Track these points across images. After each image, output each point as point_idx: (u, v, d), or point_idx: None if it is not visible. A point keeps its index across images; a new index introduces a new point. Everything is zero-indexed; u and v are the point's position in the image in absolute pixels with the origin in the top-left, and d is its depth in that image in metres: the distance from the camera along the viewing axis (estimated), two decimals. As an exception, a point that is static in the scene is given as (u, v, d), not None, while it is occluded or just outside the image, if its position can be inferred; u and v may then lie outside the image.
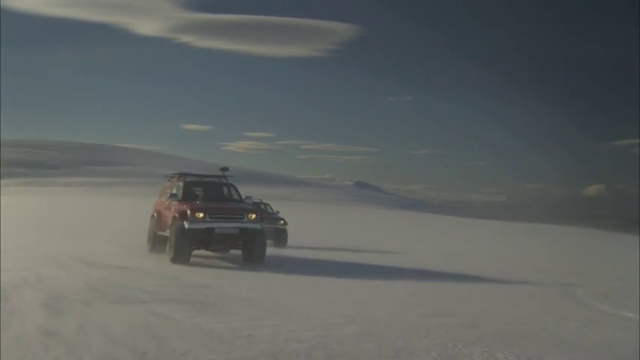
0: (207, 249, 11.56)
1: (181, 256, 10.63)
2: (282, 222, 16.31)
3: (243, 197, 12.17)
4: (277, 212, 17.10)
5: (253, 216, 11.17)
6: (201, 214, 10.81)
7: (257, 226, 11.10)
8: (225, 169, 12.75)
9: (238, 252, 11.53)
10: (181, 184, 12.11)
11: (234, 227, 10.95)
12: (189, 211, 10.81)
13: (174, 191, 12.02)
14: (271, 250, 12.72)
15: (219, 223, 10.89)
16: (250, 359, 4.18)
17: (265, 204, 17.01)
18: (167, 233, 11.51)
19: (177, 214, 11.05)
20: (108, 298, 6.52)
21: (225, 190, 12.48)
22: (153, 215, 12.95)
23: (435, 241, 24.54)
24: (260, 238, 11.16)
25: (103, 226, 19.83)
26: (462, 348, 4.80)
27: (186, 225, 10.68)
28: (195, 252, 11.02)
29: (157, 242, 12.37)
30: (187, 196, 11.68)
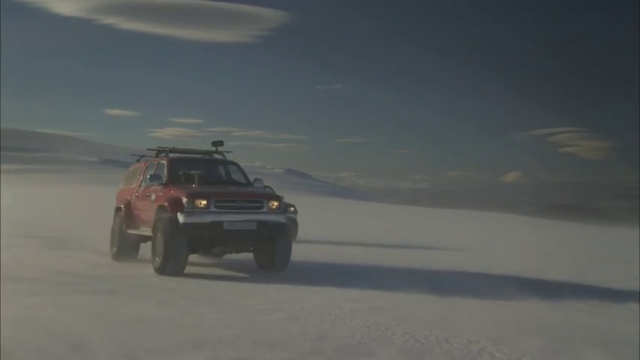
0: (208, 253, 8.74)
1: (174, 264, 7.79)
2: (291, 209, 12.91)
3: (251, 180, 9.27)
4: (282, 197, 13.66)
5: (275, 204, 8.28)
6: (203, 202, 7.86)
7: (280, 218, 8.32)
8: (219, 143, 9.84)
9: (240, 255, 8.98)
10: (164, 162, 9.10)
11: (250, 221, 8.00)
12: (185, 198, 7.85)
13: (153, 172, 9.07)
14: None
15: (229, 214, 7.95)
16: (173, 347, 4.10)
17: (266, 187, 12.97)
18: (143, 231, 8.85)
19: (166, 204, 8.07)
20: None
21: (223, 170, 9.50)
22: (119, 208, 9.78)
23: (363, 226, 24.97)
24: (285, 235, 8.36)
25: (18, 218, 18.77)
26: (384, 330, 4.93)
27: (181, 218, 7.76)
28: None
29: (125, 245, 9.38)
30: (174, 178, 8.74)
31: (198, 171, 8.72)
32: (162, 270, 7.84)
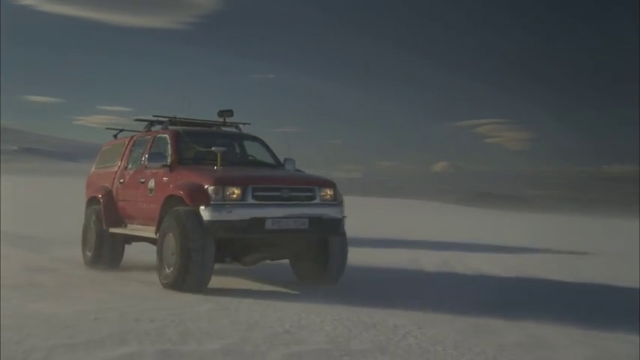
0: (239, 261, 6.47)
1: (196, 278, 5.85)
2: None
3: (281, 161, 7.35)
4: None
5: (330, 193, 6.44)
6: (237, 192, 5.94)
7: (337, 212, 6.46)
8: (228, 112, 7.65)
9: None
10: (166, 136, 7.01)
11: (301, 216, 6.17)
12: (211, 186, 5.93)
13: (146, 150, 7.05)
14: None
15: (273, 208, 6.05)
16: (96, 342, 3.98)
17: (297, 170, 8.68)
18: (135, 230, 7.10)
19: (180, 193, 6.14)
20: None
21: (244, 147, 7.50)
22: (94, 199, 7.84)
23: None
24: (342, 235, 6.60)
25: None
26: (314, 318, 4.97)
27: (206, 214, 5.86)
28: None
29: (104, 248, 7.53)
30: (184, 158, 6.76)
31: (220, 148, 6.52)
32: (178, 284, 5.89)
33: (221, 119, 7.75)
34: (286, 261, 7.05)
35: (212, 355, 3.77)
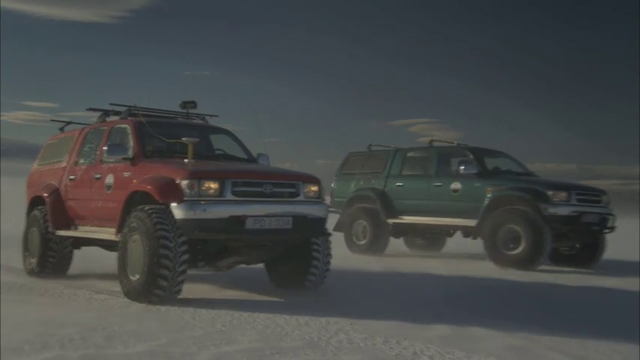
0: (215, 264, 5.98)
1: (167, 285, 5.23)
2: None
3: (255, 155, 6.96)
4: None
5: (314, 189, 6.02)
6: (214, 187, 5.38)
7: (322, 210, 6.08)
8: (191, 104, 7.11)
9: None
10: (127, 126, 6.44)
11: (284, 215, 5.69)
12: (184, 180, 5.34)
13: (109, 142, 6.39)
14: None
15: (255, 205, 5.54)
16: (14, 349, 3.79)
17: None
18: (87, 232, 6.49)
19: (148, 188, 5.55)
20: None
21: (214, 140, 7.07)
22: (38, 198, 7.23)
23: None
24: (326, 235, 6.19)
25: None
26: (246, 317, 4.94)
27: (178, 212, 5.29)
28: None
29: (50, 253, 6.92)
30: (149, 151, 6.19)
31: (192, 139, 5.95)
32: (145, 294, 5.25)
33: (184, 111, 7.25)
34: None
35: (138, 358, 3.68)
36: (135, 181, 5.80)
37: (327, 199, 11.47)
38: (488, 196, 9.39)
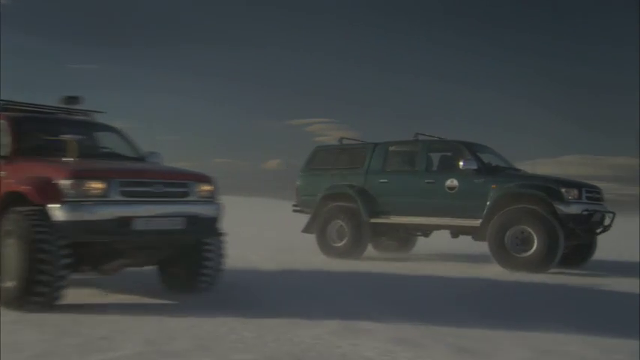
0: (101, 268, 5.64)
1: (47, 291, 4.94)
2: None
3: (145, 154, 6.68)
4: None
5: (207, 188, 5.90)
6: (99, 186, 5.12)
7: (215, 210, 5.95)
8: (74, 99, 6.60)
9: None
10: (3, 122, 5.94)
11: (175, 215, 5.57)
12: (65, 180, 5.05)
13: None
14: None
15: (143, 206, 5.35)
16: None
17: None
18: None
19: (24, 188, 5.20)
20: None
21: (100, 138, 6.67)
22: None
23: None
24: (219, 235, 6.10)
25: None
26: (134, 321, 4.76)
27: (59, 214, 4.99)
28: None
29: None
30: (26, 148, 5.77)
31: (74, 136, 5.63)
32: (22, 301, 4.92)
33: (66, 106, 6.77)
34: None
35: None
36: (10, 181, 5.43)
37: (295, 197, 11.02)
38: (493, 194, 8.75)
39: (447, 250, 11.33)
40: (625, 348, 4.24)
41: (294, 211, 11.28)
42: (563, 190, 8.42)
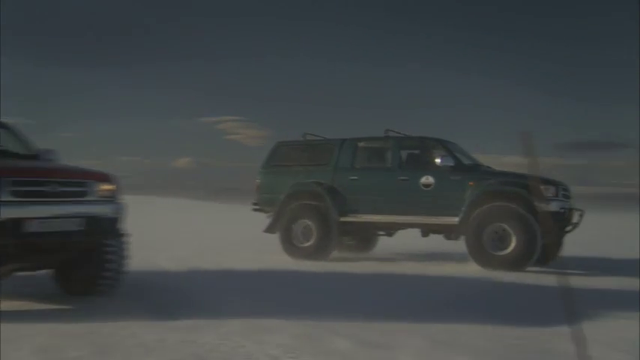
0: None
1: None
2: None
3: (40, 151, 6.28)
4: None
5: (107, 188, 5.65)
6: None
7: (116, 210, 5.70)
8: None
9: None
10: None
11: (74, 216, 5.28)
12: None
13: None
14: None
15: (36, 207, 5.05)
16: None
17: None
18: None
19: None
20: None
21: None
22: None
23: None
24: (120, 237, 5.84)
25: None
26: (26, 329, 4.50)
27: None
28: None
29: None
30: None
31: None
32: None
33: None
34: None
35: None
36: None
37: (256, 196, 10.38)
38: (472, 191, 8.65)
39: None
40: (524, 335, 4.52)
41: (254, 210, 10.70)
42: (542, 187, 8.36)
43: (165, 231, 17.14)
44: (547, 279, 7.48)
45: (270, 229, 10.10)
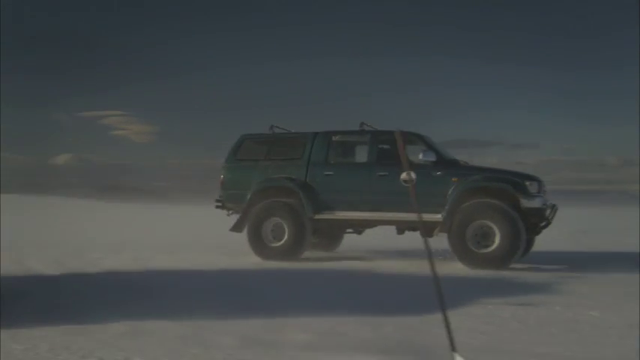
0: None
1: None
2: None
3: None
4: None
5: None
6: None
7: None
8: None
9: None
10: None
11: None
12: None
13: None
14: None
15: None
16: None
17: None
18: None
19: None
20: None
21: None
22: None
23: None
24: None
25: None
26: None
27: None
28: None
29: None
30: None
31: None
32: None
33: None
34: None
35: None
36: None
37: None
38: (456, 186, 8.41)
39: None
40: (395, 322, 4.71)
41: (217, 207, 10.03)
42: (527, 183, 8.29)
43: (38, 232, 16.04)
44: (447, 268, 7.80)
45: (236, 228, 9.50)
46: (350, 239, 10.65)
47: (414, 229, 8.96)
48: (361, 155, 9.51)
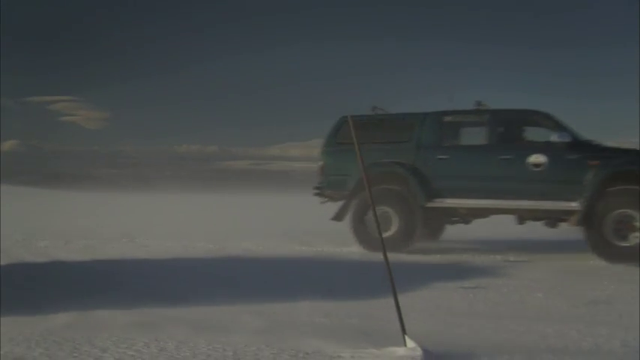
0: None
1: None
2: None
3: None
4: None
5: None
6: None
7: None
8: None
9: None
10: None
11: None
12: None
13: None
14: None
15: None
16: None
17: None
18: None
19: None
20: None
21: None
22: None
23: None
24: None
25: None
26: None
27: None
28: None
29: None
30: None
31: None
32: None
33: None
34: None
35: None
36: None
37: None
38: (597, 172, 7.56)
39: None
40: (356, 309, 4.76)
41: (315, 194, 9.19)
42: None
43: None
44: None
45: (338, 217, 8.85)
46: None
47: (537, 219, 8.31)
48: (478, 137, 8.68)
